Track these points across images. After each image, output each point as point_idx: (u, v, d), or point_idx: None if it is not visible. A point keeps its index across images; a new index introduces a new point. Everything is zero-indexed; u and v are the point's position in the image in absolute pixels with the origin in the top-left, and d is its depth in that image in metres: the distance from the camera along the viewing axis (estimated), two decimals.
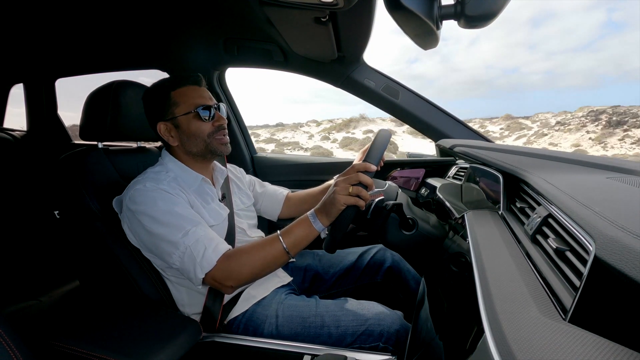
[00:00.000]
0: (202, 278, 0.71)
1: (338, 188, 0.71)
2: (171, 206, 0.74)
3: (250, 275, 0.73)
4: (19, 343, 0.46)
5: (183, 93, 0.82)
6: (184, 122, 0.82)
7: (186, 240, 0.71)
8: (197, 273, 0.70)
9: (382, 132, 0.80)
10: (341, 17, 0.93)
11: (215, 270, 0.70)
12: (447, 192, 0.99)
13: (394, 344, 0.75)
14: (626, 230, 0.30)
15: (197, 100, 0.82)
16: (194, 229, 0.72)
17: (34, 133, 2.00)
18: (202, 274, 0.70)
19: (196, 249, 0.70)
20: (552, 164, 0.71)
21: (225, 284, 0.72)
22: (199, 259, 0.70)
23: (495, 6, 0.57)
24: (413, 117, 1.36)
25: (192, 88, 0.83)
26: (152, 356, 0.61)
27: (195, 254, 0.70)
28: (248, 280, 0.74)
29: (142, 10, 1.19)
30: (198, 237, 0.71)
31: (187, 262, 0.71)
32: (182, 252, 0.71)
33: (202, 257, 0.70)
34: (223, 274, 0.71)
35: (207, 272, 0.70)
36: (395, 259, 1.04)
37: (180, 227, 0.72)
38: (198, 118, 0.82)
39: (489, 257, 0.47)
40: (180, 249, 0.71)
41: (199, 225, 0.74)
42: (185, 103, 0.81)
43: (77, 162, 0.83)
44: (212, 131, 0.83)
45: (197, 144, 0.83)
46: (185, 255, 0.71)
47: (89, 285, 0.93)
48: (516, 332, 0.29)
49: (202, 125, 0.82)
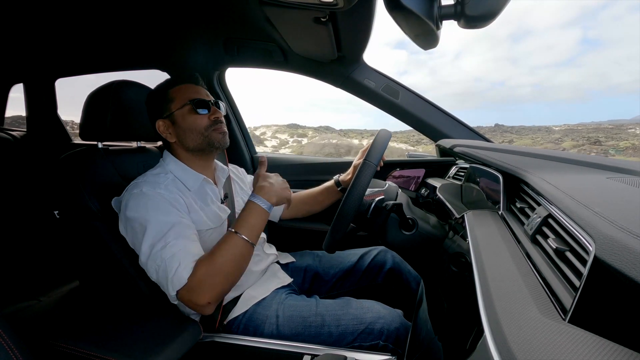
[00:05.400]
0: (175, 295, 0.68)
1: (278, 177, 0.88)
2: (160, 215, 0.72)
3: (224, 281, 0.69)
4: (19, 343, 0.46)
5: (179, 90, 0.84)
6: (180, 116, 0.82)
7: (163, 254, 0.68)
8: (169, 290, 0.68)
9: (383, 132, 0.80)
10: (341, 17, 0.93)
11: (187, 287, 0.67)
12: (447, 192, 0.99)
13: (394, 342, 0.75)
14: (626, 230, 0.30)
15: (192, 95, 0.83)
16: (174, 242, 0.69)
17: (33, 133, 2.00)
18: (174, 291, 0.67)
19: (170, 265, 0.67)
20: (552, 164, 0.71)
21: (199, 302, 0.67)
22: (170, 275, 0.67)
23: (495, 6, 0.57)
24: (413, 117, 1.36)
25: (189, 85, 0.85)
26: (152, 356, 0.61)
27: (168, 270, 0.67)
28: (224, 289, 0.70)
29: (142, 10, 1.20)
30: (175, 251, 0.68)
31: (161, 277, 0.68)
32: (158, 266, 0.68)
33: (174, 274, 0.67)
34: (196, 291, 0.66)
35: (179, 290, 0.67)
36: (396, 260, 1.04)
37: (162, 238, 0.69)
38: (193, 112, 0.82)
39: (489, 257, 0.47)
40: (157, 262, 0.68)
41: (180, 238, 0.70)
42: (180, 98, 0.83)
43: (77, 162, 0.83)
44: (208, 124, 0.83)
45: (194, 138, 0.83)
46: (160, 270, 0.68)
47: (89, 285, 0.93)
48: (516, 332, 0.29)
49: (198, 119, 0.82)
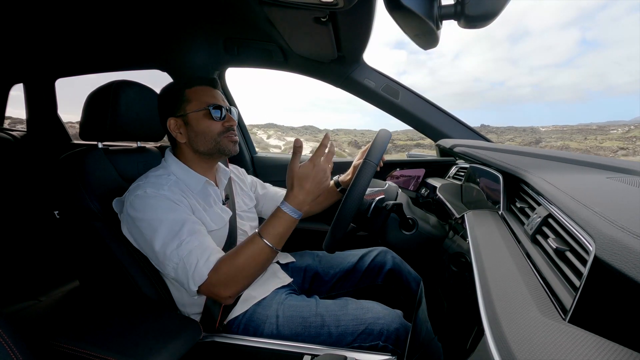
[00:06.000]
0: (196, 290, 0.71)
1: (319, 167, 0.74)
2: (170, 214, 0.73)
3: (245, 280, 0.73)
4: (19, 343, 0.46)
5: (196, 91, 0.84)
6: (194, 119, 0.82)
7: (180, 252, 0.70)
8: (190, 286, 0.70)
9: (383, 132, 0.80)
10: (341, 17, 0.92)
11: (208, 283, 0.70)
12: (447, 192, 0.99)
13: (393, 343, 0.75)
14: (626, 230, 0.30)
15: (210, 100, 0.83)
16: (189, 239, 0.72)
17: (34, 133, 2.00)
18: (195, 287, 0.70)
19: (189, 261, 0.70)
20: (552, 164, 0.71)
21: (221, 295, 0.71)
22: (191, 272, 0.69)
23: (495, 6, 0.57)
24: (413, 117, 1.36)
25: (206, 88, 0.85)
26: (152, 356, 0.61)
27: (187, 267, 0.70)
28: (243, 285, 0.74)
29: (142, 10, 1.19)
30: (191, 248, 0.71)
31: (180, 274, 0.71)
32: (176, 264, 0.71)
33: (194, 270, 0.69)
34: (217, 286, 0.70)
35: (200, 285, 0.70)
36: (396, 261, 1.04)
37: (176, 237, 0.71)
38: (209, 117, 0.82)
39: (489, 257, 0.47)
40: (174, 260, 0.71)
41: (194, 234, 0.73)
42: (198, 100, 0.83)
43: (77, 162, 0.83)
44: (222, 131, 0.84)
45: (206, 143, 0.83)
46: (179, 267, 0.70)
47: (89, 285, 0.93)
48: (516, 332, 0.29)
49: (212, 125, 0.83)
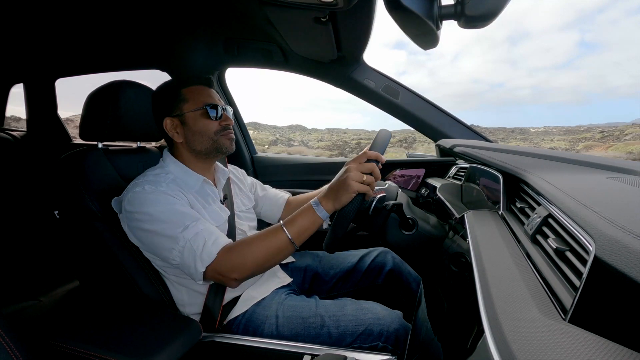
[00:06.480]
0: (203, 272, 0.70)
1: (352, 174, 0.69)
2: (170, 205, 0.74)
3: (254, 266, 0.71)
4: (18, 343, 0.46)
5: (193, 91, 0.84)
6: (191, 118, 0.83)
7: (186, 234, 0.70)
8: (197, 267, 0.69)
9: (383, 132, 0.80)
10: (341, 17, 0.93)
11: (216, 263, 0.69)
12: (447, 192, 0.99)
13: (393, 343, 0.75)
14: (626, 230, 0.30)
15: (206, 99, 0.83)
16: (194, 224, 0.72)
17: (34, 133, 2.00)
18: (203, 268, 0.69)
19: (196, 243, 0.69)
20: (552, 164, 0.71)
21: (229, 276, 0.70)
22: (199, 252, 0.69)
23: (495, 6, 0.57)
24: (413, 117, 1.36)
25: (203, 88, 0.85)
26: (152, 356, 0.61)
27: (195, 247, 0.69)
28: (252, 271, 0.72)
29: (142, 10, 1.20)
30: (198, 230, 0.71)
31: (187, 257, 0.70)
32: (182, 247, 0.70)
33: (202, 250, 0.69)
34: (225, 267, 0.70)
35: (208, 266, 0.69)
36: (396, 262, 1.03)
37: (179, 222, 0.71)
38: (206, 116, 0.82)
39: (489, 257, 0.47)
40: (180, 243, 0.70)
41: (198, 220, 0.73)
42: (194, 100, 0.83)
43: (77, 162, 0.83)
44: (218, 130, 0.84)
45: (203, 142, 0.83)
46: (185, 250, 0.70)
47: (89, 285, 0.93)
48: (516, 332, 0.29)
49: (209, 124, 0.83)
